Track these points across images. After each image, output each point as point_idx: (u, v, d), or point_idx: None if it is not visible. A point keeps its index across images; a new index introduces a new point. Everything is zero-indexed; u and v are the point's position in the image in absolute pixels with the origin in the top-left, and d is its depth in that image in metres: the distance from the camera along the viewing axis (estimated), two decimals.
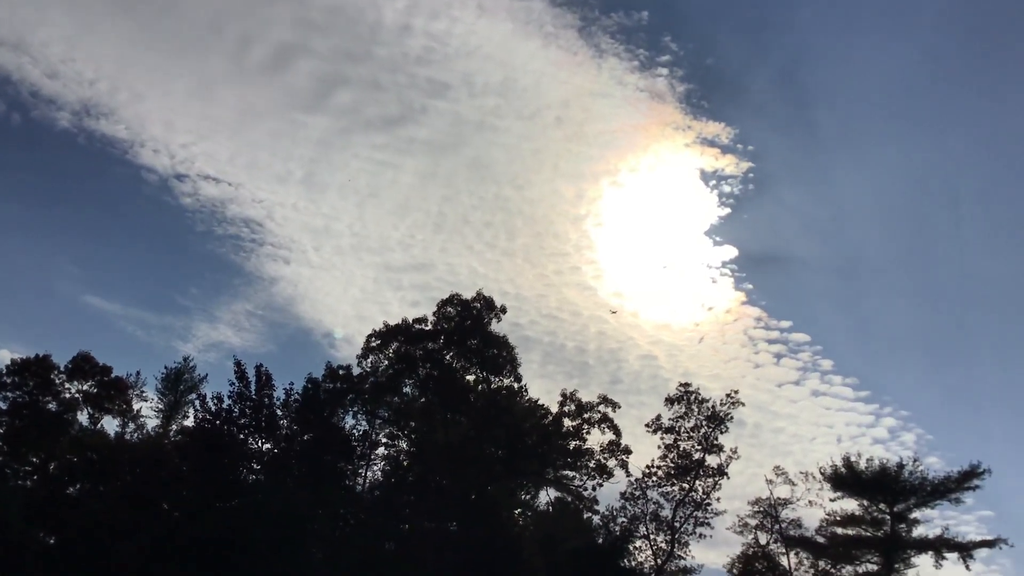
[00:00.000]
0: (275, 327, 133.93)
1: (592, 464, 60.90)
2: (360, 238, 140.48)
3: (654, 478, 62.14)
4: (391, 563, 53.28)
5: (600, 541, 62.67)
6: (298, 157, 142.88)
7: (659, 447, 62.71)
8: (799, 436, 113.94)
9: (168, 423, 71.40)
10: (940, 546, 61.48)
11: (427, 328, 62.03)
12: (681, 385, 63.41)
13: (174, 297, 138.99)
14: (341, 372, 60.74)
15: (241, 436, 55.88)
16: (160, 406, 72.37)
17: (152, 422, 71.81)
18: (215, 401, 55.95)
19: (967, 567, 61.10)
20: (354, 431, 61.26)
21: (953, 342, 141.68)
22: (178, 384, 72.35)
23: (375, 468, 63.71)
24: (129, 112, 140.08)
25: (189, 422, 62.45)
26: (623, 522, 62.71)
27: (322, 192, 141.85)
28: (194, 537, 50.98)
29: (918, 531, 62.85)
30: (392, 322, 62.25)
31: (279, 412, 56.24)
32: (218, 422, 55.71)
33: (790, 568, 64.81)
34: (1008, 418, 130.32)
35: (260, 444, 56.32)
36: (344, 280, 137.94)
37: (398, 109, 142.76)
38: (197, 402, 58.44)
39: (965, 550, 61.31)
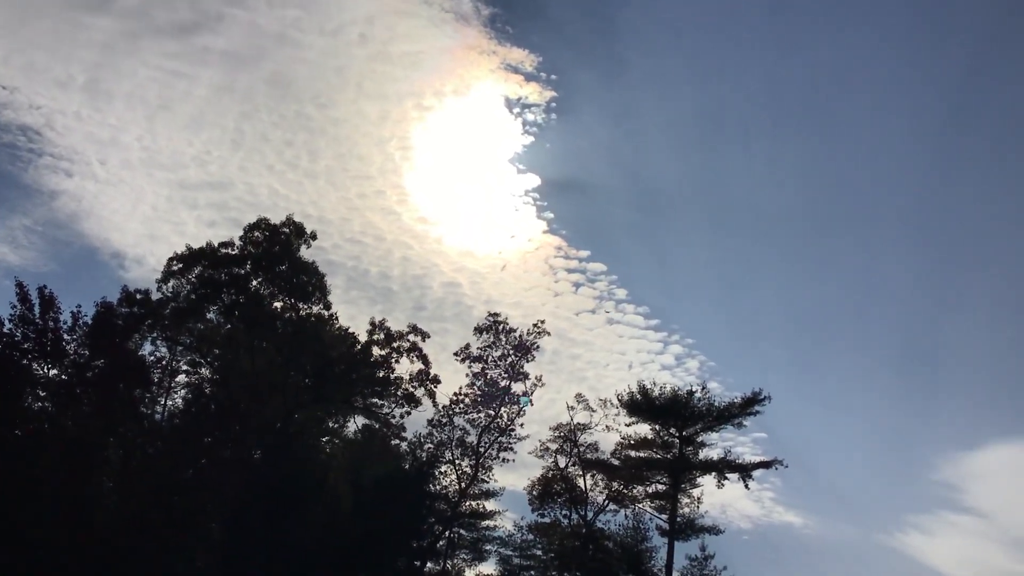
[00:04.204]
0: (57, 245, 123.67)
1: (400, 393, 61.54)
2: (151, 152, 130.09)
3: (461, 405, 63.86)
4: (187, 492, 52.28)
5: (407, 467, 63.86)
6: (80, 61, 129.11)
7: (467, 375, 64.48)
8: (594, 362, 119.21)
9: None
10: (723, 467, 65.92)
11: (233, 253, 59.77)
12: (490, 315, 65.20)
13: None
14: (139, 296, 57.84)
15: (24, 362, 52.54)
16: None
17: None
18: None
19: (746, 486, 66.07)
20: (152, 358, 59.08)
21: (736, 274, 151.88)
22: None
23: (176, 396, 61.95)
24: None
25: None
26: (430, 448, 64.36)
27: (108, 101, 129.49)
28: None
29: (703, 453, 67.32)
30: (189, 243, 59.56)
31: (67, 337, 53.13)
32: None
33: (586, 489, 68.38)
34: (779, 346, 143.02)
35: (46, 371, 53.16)
36: (134, 197, 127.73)
37: (191, 15, 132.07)
38: None
39: (745, 471, 66.05)
